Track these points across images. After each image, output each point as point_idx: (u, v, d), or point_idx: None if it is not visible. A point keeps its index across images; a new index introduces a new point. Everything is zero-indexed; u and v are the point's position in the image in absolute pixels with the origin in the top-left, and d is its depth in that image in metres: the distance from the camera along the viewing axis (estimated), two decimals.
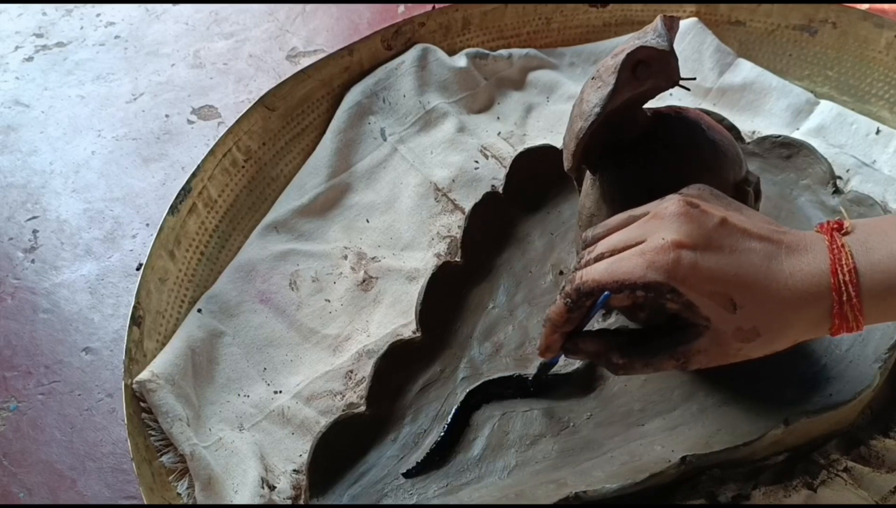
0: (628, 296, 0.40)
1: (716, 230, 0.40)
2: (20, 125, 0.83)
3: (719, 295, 0.39)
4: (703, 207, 0.41)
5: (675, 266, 0.39)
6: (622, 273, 0.40)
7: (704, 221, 0.40)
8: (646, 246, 0.40)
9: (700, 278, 0.39)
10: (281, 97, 0.71)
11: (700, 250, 0.39)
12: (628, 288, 0.40)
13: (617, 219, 0.44)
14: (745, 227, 0.41)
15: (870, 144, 0.69)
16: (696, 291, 0.39)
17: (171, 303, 0.60)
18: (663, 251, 0.39)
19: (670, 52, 0.46)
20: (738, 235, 0.40)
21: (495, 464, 0.50)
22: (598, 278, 0.41)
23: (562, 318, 0.43)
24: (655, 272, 0.39)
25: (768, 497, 0.48)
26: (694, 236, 0.40)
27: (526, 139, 0.73)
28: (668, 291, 0.39)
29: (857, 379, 0.50)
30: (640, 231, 0.42)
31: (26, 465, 0.58)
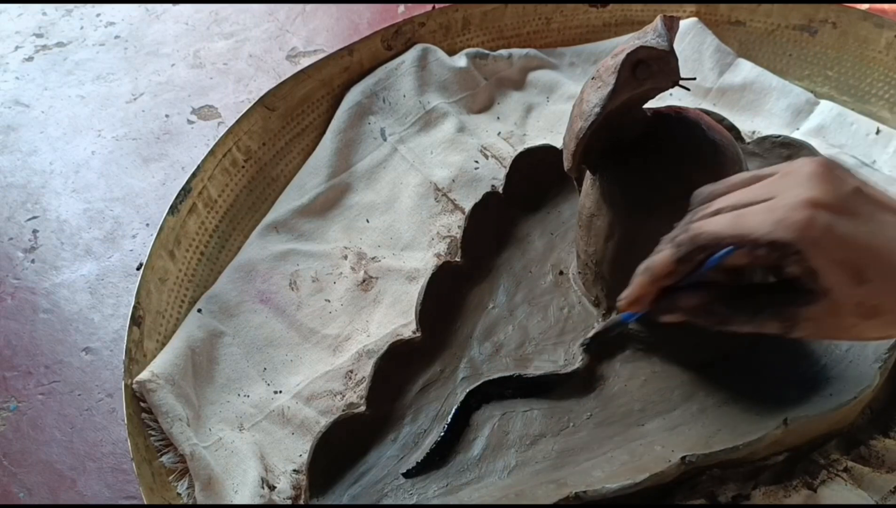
0: (747, 254, 0.37)
1: (853, 196, 0.37)
2: (20, 125, 0.83)
3: (848, 265, 0.36)
4: (839, 171, 0.37)
5: (808, 226, 0.35)
6: (747, 227, 0.36)
7: (841, 184, 0.37)
8: (777, 201, 0.36)
9: (832, 243, 0.35)
10: (281, 97, 0.71)
11: (836, 213, 0.36)
12: (750, 244, 0.36)
13: (740, 176, 0.41)
14: (881, 198, 0.37)
15: (870, 144, 0.69)
16: (825, 257, 0.36)
17: (171, 303, 0.60)
18: (796, 208, 0.36)
19: (670, 52, 0.46)
20: (874, 205, 0.37)
21: (495, 464, 0.50)
22: (719, 230, 0.37)
23: (666, 269, 0.39)
24: (785, 230, 0.36)
25: (768, 497, 0.48)
26: (831, 197, 0.36)
27: (526, 139, 0.73)
28: (793, 252, 0.36)
29: (857, 379, 0.49)
30: (768, 189, 0.38)
31: (26, 465, 0.58)
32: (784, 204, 0.36)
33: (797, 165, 0.38)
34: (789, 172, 0.38)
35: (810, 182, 0.37)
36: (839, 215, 0.36)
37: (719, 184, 0.41)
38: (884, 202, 0.38)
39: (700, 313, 0.40)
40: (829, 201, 0.36)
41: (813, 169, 0.37)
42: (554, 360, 0.55)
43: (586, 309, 0.57)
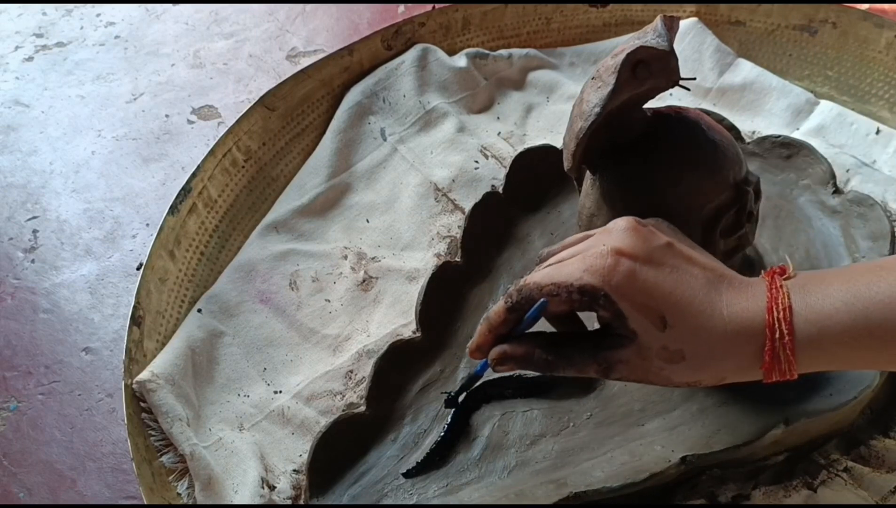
0: (565, 300, 0.40)
1: (660, 249, 0.41)
2: (20, 125, 0.83)
3: (651, 310, 0.39)
4: (652, 228, 0.42)
5: (611, 271, 0.39)
6: (561, 276, 0.40)
7: (651, 238, 0.41)
8: (588, 251, 0.41)
9: (634, 288, 0.39)
10: (281, 97, 0.71)
11: (640, 262, 0.40)
12: (564, 290, 0.40)
13: (572, 237, 0.45)
14: (690, 254, 0.41)
15: (870, 144, 0.69)
16: (628, 300, 0.39)
17: (171, 303, 0.60)
18: (602, 256, 0.40)
19: (670, 52, 0.46)
20: (681, 258, 0.41)
21: (495, 464, 0.50)
22: (539, 280, 0.41)
23: (499, 318, 0.43)
24: (591, 275, 0.40)
25: (768, 497, 0.48)
26: (636, 248, 0.40)
27: (526, 139, 0.73)
28: (601, 296, 0.39)
29: (857, 379, 0.50)
30: (587, 243, 0.42)
31: (26, 465, 0.58)
32: (593, 253, 0.40)
33: (614, 222, 0.42)
34: (606, 229, 0.42)
35: (620, 235, 0.41)
36: (644, 263, 0.40)
37: (558, 244, 0.45)
38: (694, 258, 0.41)
39: (528, 362, 0.43)
40: (635, 251, 0.40)
41: (626, 225, 0.41)
42: None
43: None
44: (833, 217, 0.60)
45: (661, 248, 0.41)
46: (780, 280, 0.40)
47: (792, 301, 0.39)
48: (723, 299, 0.40)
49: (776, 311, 0.39)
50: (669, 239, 0.42)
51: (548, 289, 0.41)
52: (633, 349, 0.40)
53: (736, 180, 0.51)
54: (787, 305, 0.39)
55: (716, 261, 0.42)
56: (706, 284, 0.40)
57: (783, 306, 0.39)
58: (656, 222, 0.44)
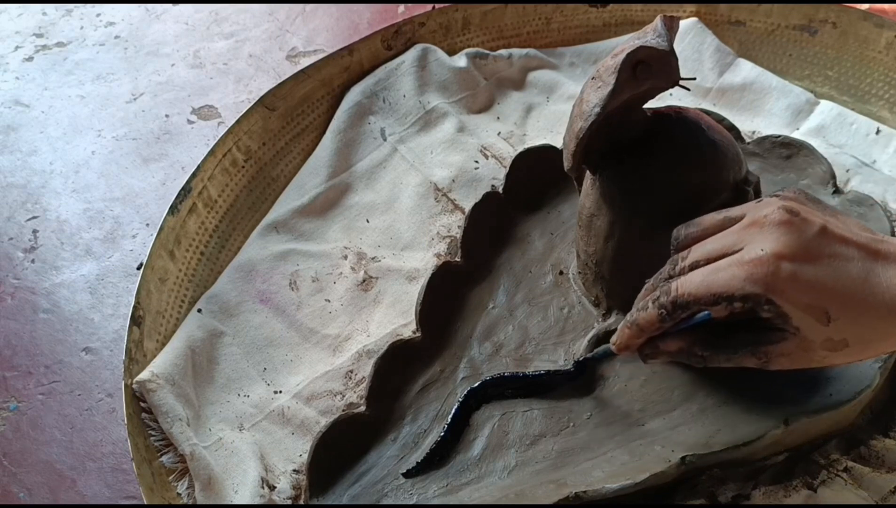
0: (725, 307, 0.40)
1: (816, 239, 0.39)
2: (20, 125, 0.83)
3: (815, 308, 0.39)
4: (802, 214, 0.40)
5: (774, 278, 0.39)
6: (719, 286, 0.40)
7: (805, 229, 0.40)
8: (744, 256, 0.39)
9: (798, 290, 0.39)
10: (281, 97, 0.71)
11: (799, 261, 0.39)
12: (726, 300, 0.40)
13: (711, 219, 0.44)
14: (844, 235, 0.40)
15: (870, 144, 0.69)
16: (792, 303, 0.39)
17: (171, 303, 0.60)
18: (763, 263, 0.39)
19: (670, 52, 0.46)
20: (837, 243, 0.40)
21: (495, 464, 0.50)
22: (695, 291, 0.40)
23: (653, 327, 0.43)
24: (754, 285, 0.39)
25: (768, 497, 0.48)
26: (794, 246, 0.39)
27: (526, 139, 0.73)
28: (765, 302, 0.39)
29: (857, 379, 0.49)
30: (736, 238, 0.41)
31: (26, 465, 0.58)
32: (751, 259, 0.39)
33: (763, 214, 0.41)
34: (756, 221, 0.41)
35: (775, 233, 0.40)
36: (803, 262, 0.39)
37: (692, 225, 0.44)
38: (847, 238, 0.40)
39: (682, 356, 0.43)
40: (793, 251, 0.39)
41: (778, 218, 0.40)
42: (554, 360, 0.55)
43: (586, 309, 0.57)
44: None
45: (817, 237, 0.39)
46: None
47: None
48: (881, 280, 0.39)
49: None
50: (822, 221, 0.40)
51: (706, 299, 0.40)
52: (796, 343, 0.40)
53: (736, 180, 0.51)
54: None
55: (863, 228, 0.42)
56: (864, 267, 0.39)
57: None
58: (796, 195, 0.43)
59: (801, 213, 0.40)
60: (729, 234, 0.42)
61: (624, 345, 0.45)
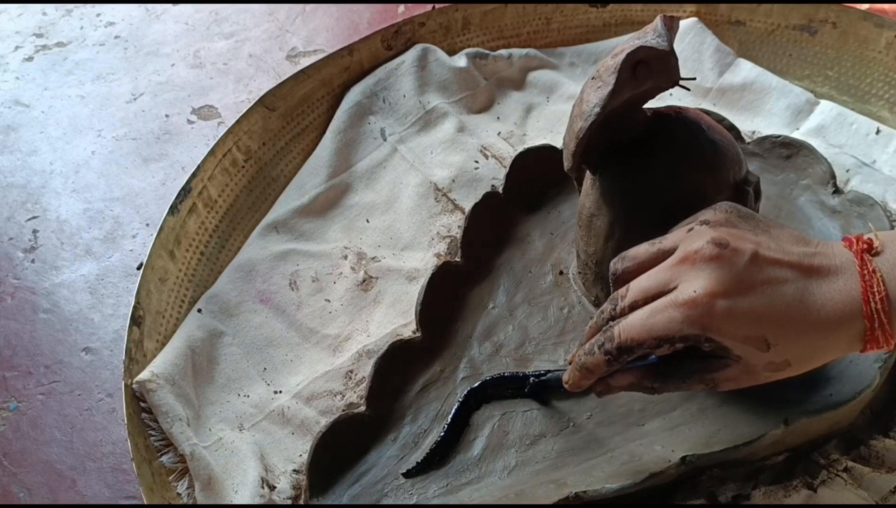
0: (668, 349, 0.41)
1: (747, 269, 0.40)
2: (20, 125, 0.83)
3: (754, 338, 0.40)
4: (732, 244, 0.40)
5: (710, 318, 0.39)
6: (659, 330, 0.40)
7: (735, 261, 0.40)
8: (679, 296, 0.40)
9: (735, 324, 0.39)
10: (281, 97, 0.71)
11: (733, 296, 0.39)
12: (667, 342, 0.40)
13: (645, 252, 0.44)
14: (776, 257, 0.40)
15: (870, 144, 0.69)
16: (731, 337, 0.39)
17: (171, 303, 0.60)
18: (697, 304, 0.39)
19: (670, 52, 0.46)
20: (770, 267, 0.40)
21: (495, 464, 0.50)
22: (637, 336, 0.41)
23: (601, 370, 0.44)
24: (691, 326, 0.39)
25: (768, 497, 0.48)
26: (726, 281, 0.39)
27: (526, 139, 0.73)
28: (705, 340, 0.40)
29: (857, 379, 0.50)
30: (670, 275, 0.41)
31: (26, 465, 0.58)
32: (685, 300, 0.40)
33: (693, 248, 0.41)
34: (687, 256, 0.41)
35: (706, 270, 0.40)
36: (737, 296, 0.39)
37: (627, 260, 0.45)
38: (779, 260, 0.40)
39: (634, 389, 0.45)
40: (726, 287, 0.39)
41: (708, 253, 0.40)
42: (554, 360, 0.55)
43: (586, 309, 0.57)
44: (833, 217, 0.60)
45: (748, 267, 0.40)
46: (871, 262, 0.39)
47: (888, 288, 0.39)
48: (817, 300, 0.39)
49: (872, 301, 0.38)
50: (752, 247, 0.40)
51: (649, 343, 0.41)
52: (740, 368, 0.41)
53: (736, 180, 0.51)
54: (884, 293, 0.38)
55: (795, 240, 0.42)
56: (798, 286, 0.40)
57: (879, 294, 0.38)
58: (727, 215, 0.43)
59: (730, 243, 0.40)
60: (663, 270, 0.42)
61: (576, 386, 0.46)
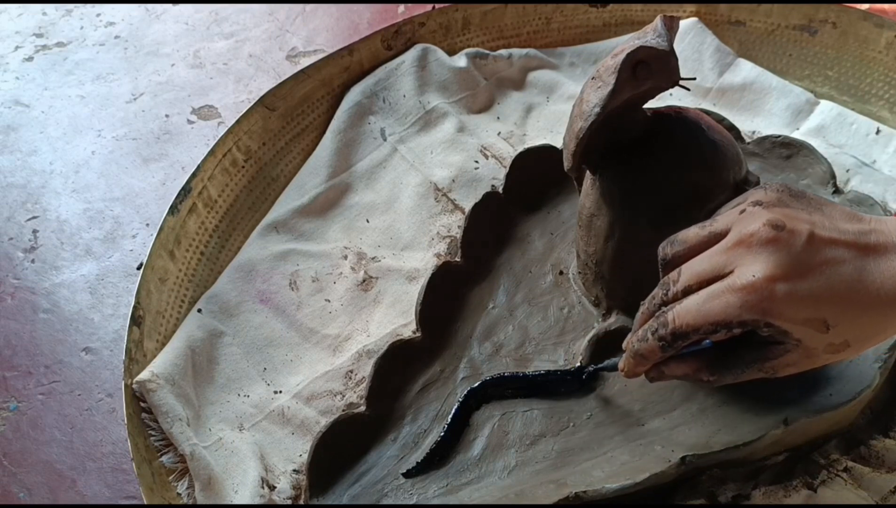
0: (725, 333, 0.40)
1: (805, 251, 0.39)
2: (20, 125, 0.83)
3: (814, 320, 0.39)
4: (788, 226, 0.40)
5: (770, 302, 0.39)
6: (716, 315, 0.40)
7: (793, 243, 0.39)
8: (737, 281, 0.39)
9: (795, 308, 0.39)
10: (281, 97, 0.71)
11: (793, 280, 0.39)
12: (724, 328, 0.40)
13: (696, 235, 0.43)
14: (832, 236, 0.40)
15: (870, 144, 0.69)
16: (790, 321, 0.39)
17: (171, 303, 0.60)
18: (756, 289, 0.39)
19: (670, 52, 0.46)
20: (827, 247, 0.40)
21: (495, 464, 0.50)
22: (693, 321, 0.41)
23: (655, 356, 0.43)
24: (750, 311, 0.39)
25: (768, 497, 0.48)
26: (785, 265, 0.39)
27: (526, 139, 0.73)
28: (764, 325, 0.39)
29: (857, 379, 0.50)
30: (726, 259, 0.41)
31: (26, 465, 0.58)
32: (743, 285, 0.39)
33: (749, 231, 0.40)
34: (743, 240, 0.40)
35: (763, 254, 0.39)
36: (796, 279, 0.39)
37: (677, 244, 0.44)
38: (836, 239, 0.40)
39: (689, 379, 0.44)
40: (785, 270, 0.39)
41: (765, 236, 0.40)
42: (554, 360, 0.55)
43: (586, 309, 0.57)
44: None
45: (806, 249, 0.39)
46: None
47: None
48: (875, 278, 0.39)
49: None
50: (808, 228, 0.40)
51: (705, 329, 0.40)
52: (799, 352, 0.40)
53: (736, 180, 0.51)
54: None
55: (849, 218, 0.41)
56: (856, 266, 0.39)
57: None
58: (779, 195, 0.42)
59: (786, 225, 0.40)
60: (717, 254, 0.41)
61: (631, 373, 0.45)
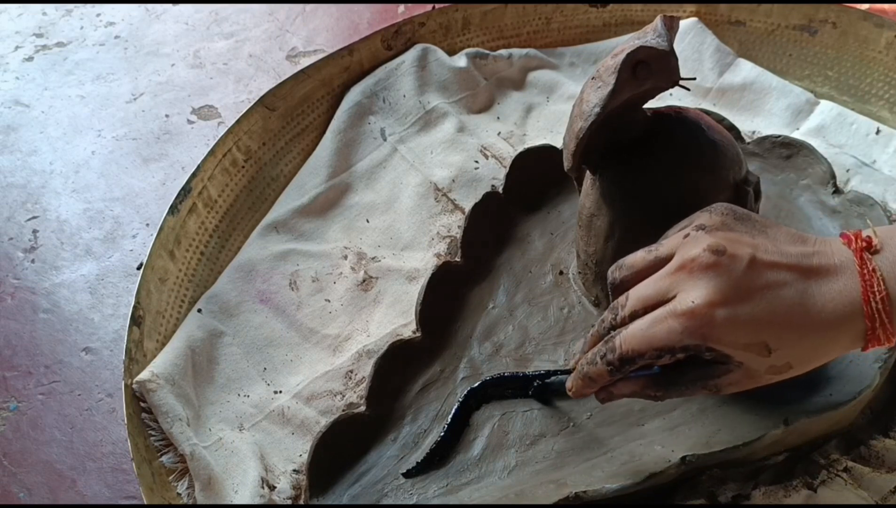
0: (668, 359, 0.41)
1: (746, 276, 0.39)
2: (20, 125, 0.83)
3: (754, 344, 0.39)
4: (729, 250, 0.40)
5: (710, 328, 0.39)
6: (659, 340, 0.40)
7: (733, 268, 0.40)
8: (678, 307, 0.40)
9: (735, 333, 0.39)
10: (281, 97, 0.71)
11: (732, 304, 0.39)
12: (668, 352, 0.40)
13: (642, 260, 0.44)
14: (774, 260, 0.40)
15: (870, 144, 0.69)
16: (731, 345, 0.40)
17: (171, 303, 0.60)
18: (696, 315, 0.39)
19: (670, 52, 0.46)
20: (768, 271, 0.40)
21: (495, 464, 0.50)
22: (638, 347, 0.41)
23: (604, 380, 0.44)
24: (691, 336, 0.39)
25: (768, 497, 0.48)
26: (724, 290, 0.39)
27: (526, 139, 0.73)
28: (705, 349, 0.40)
29: (857, 379, 0.50)
30: (668, 284, 0.41)
31: (26, 465, 0.58)
32: (684, 310, 0.40)
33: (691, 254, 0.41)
34: (684, 264, 0.41)
35: (703, 280, 0.40)
36: (736, 304, 0.39)
37: (624, 269, 0.45)
38: (778, 263, 0.40)
39: (637, 397, 0.45)
40: (725, 295, 0.39)
41: (705, 262, 0.40)
42: (554, 360, 0.55)
43: (586, 309, 0.57)
44: (833, 217, 0.60)
45: (747, 273, 0.39)
46: (870, 261, 0.39)
47: (888, 287, 0.38)
48: (817, 302, 0.39)
49: (874, 302, 0.38)
50: (750, 252, 0.40)
51: (650, 354, 0.41)
52: (741, 373, 0.41)
53: (736, 180, 0.51)
54: (884, 293, 0.38)
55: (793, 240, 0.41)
56: (797, 289, 0.39)
57: (880, 294, 0.38)
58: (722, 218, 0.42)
59: (727, 250, 0.40)
60: (661, 278, 0.42)
61: (579, 394, 0.46)
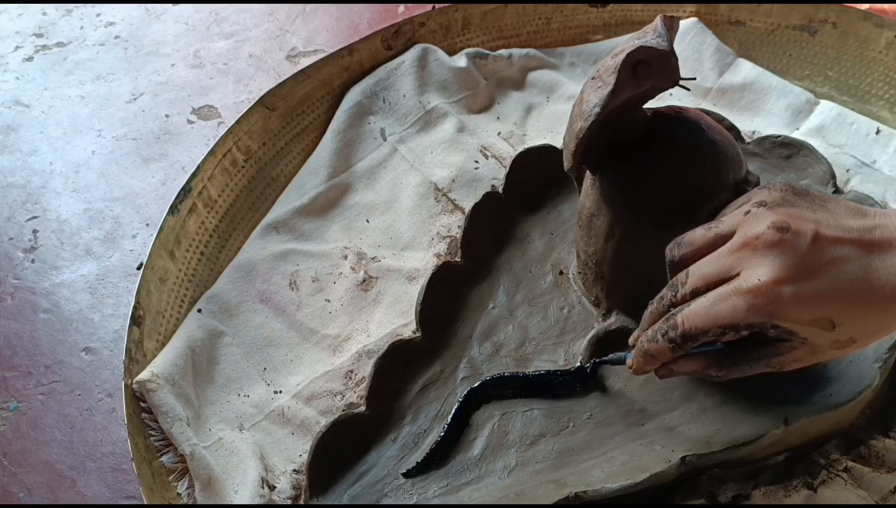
0: (733, 335, 0.41)
1: (810, 252, 0.39)
2: (20, 125, 0.83)
3: (820, 320, 0.39)
4: (793, 227, 0.40)
5: (776, 305, 0.39)
6: (723, 318, 0.40)
7: (798, 245, 0.39)
8: (743, 284, 0.40)
9: (801, 309, 0.39)
10: (281, 97, 0.71)
11: (798, 281, 0.39)
12: (732, 330, 0.40)
13: (702, 237, 0.44)
14: (836, 235, 0.40)
15: (870, 144, 0.69)
16: (797, 321, 0.39)
17: (171, 303, 0.60)
18: (762, 292, 0.39)
19: (670, 52, 0.46)
20: (832, 246, 0.40)
21: (495, 464, 0.50)
22: (701, 324, 0.41)
23: (665, 356, 0.44)
24: (757, 314, 0.39)
25: (768, 497, 0.48)
26: (790, 267, 0.39)
27: (526, 139, 0.73)
28: (771, 326, 0.40)
29: (857, 379, 0.50)
30: (732, 261, 0.41)
31: (26, 465, 0.58)
32: (749, 288, 0.40)
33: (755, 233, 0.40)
34: (748, 242, 0.41)
35: (768, 257, 0.40)
36: (802, 280, 0.39)
37: (684, 246, 0.45)
38: (841, 238, 0.40)
39: (698, 375, 0.45)
40: (790, 272, 0.39)
41: (770, 239, 0.40)
42: (554, 360, 0.55)
43: (586, 309, 0.57)
44: None
45: (811, 249, 0.39)
46: None
47: None
48: (881, 275, 0.39)
49: None
50: (813, 228, 0.40)
51: (714, 331, 0.41)
52: (806, 350, 0.41)
53: (736, 180, 0.51)
54: None
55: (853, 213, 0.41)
56: (861, 264, 0.39)
57: None
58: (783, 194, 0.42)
59: (791, 226, 0.40)
60: (723, 256, 0.42)
61: (640, 371, 0.46)
